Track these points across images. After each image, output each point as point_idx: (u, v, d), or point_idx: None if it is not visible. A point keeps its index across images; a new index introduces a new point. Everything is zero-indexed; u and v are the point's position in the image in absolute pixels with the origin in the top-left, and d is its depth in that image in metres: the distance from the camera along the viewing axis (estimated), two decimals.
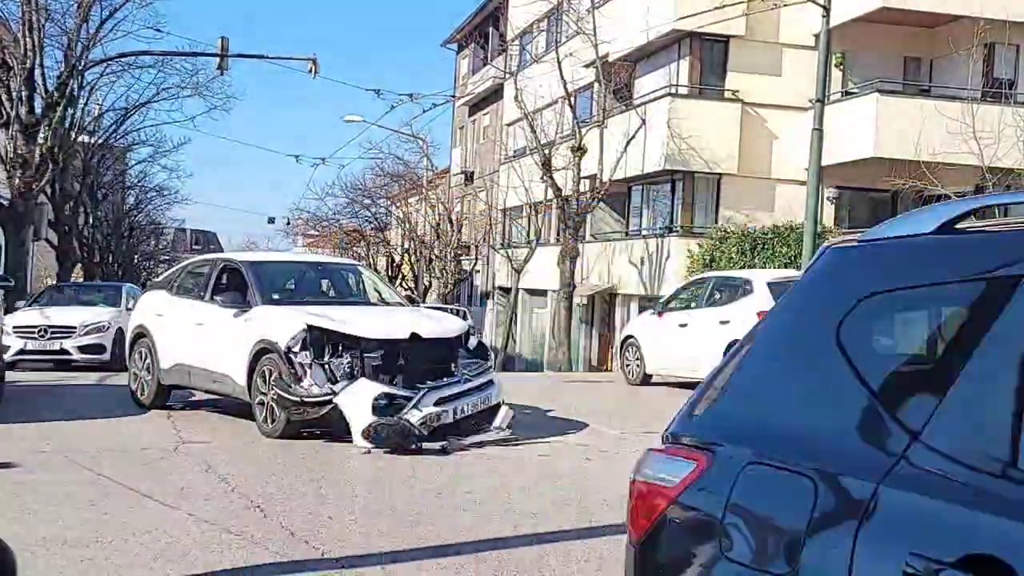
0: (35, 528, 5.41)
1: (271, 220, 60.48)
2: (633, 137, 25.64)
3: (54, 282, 28.41)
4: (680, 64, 25.81)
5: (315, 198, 53.57)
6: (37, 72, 23.47)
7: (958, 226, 2.16)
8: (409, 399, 8.49)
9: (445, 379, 8.89)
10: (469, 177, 43.58)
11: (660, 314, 15.42)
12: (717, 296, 14.67)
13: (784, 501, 2.05)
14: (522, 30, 34.80)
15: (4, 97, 22.60)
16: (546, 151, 26.97)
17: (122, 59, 28.34)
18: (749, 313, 12.92)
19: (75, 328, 16.63)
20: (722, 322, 13.53)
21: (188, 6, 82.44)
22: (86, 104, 31.67)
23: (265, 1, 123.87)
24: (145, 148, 46.77)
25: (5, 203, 23.31)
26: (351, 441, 8.37)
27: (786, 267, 21.73)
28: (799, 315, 2.39)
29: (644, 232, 27.43)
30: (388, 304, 10.62)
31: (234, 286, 10.08)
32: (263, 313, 9.32)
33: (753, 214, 24.96)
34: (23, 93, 22.74)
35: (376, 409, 8.35)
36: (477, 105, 43.29)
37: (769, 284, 13.61)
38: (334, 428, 8.63)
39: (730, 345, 14.71)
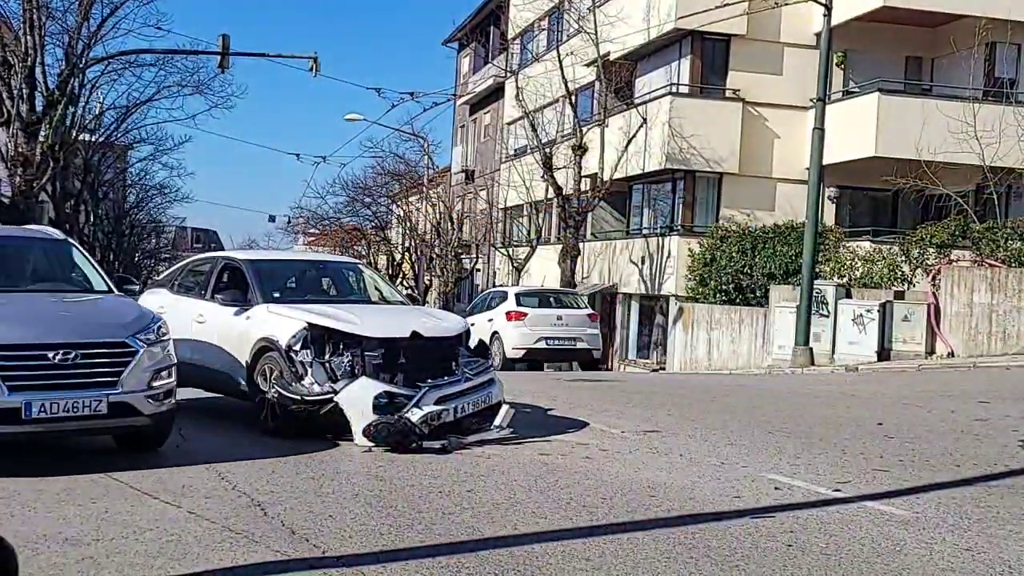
0: (36, 526, 5.42)
1: (272, 218, 60.76)
2: (634, 136, 25.64)
3: None
4: (681, 63, 25.80)
5: (316, 196, 53.62)
6: (38, 70, 23.46)
7: None
8: (410, 398, 8.49)
9: (446, 378, 8.87)
10: (470, 176, 43.59)
11: (466, 317, 22.55)
12: (492, 302, 21.27)
13: None
14: (523, 29, 34.81)
15: (5, 95, 22.59)
16: (547, 150, 26.98)
17: (123, 57, 28.36)
18: (503, 313, 20.38)
19: None
20: (489, 320, 20.58)
21: (189, 4, 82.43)
22: (87, 102, 31.71)
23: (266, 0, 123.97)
24: (146, 146, 46.91)
25: (6, 201, 23.31)
26: (352, 440, 8.38)
27: (787, 266, 21.78)
28: None
29: (645, 231, 27.43)
30: (389, 303, 10.62)
31: (235, 284, 10.08)
32: (264, 311, 9.32)
33: (754, 213, 25.00)
34: (24, 91, 22.72)
35: (377, 408, 8.35)
36: (478, 104, 43.28)
37: (517, 294, 21.13)
38: (335, 427, 8.64)
39: (492, 334, 18.97)
